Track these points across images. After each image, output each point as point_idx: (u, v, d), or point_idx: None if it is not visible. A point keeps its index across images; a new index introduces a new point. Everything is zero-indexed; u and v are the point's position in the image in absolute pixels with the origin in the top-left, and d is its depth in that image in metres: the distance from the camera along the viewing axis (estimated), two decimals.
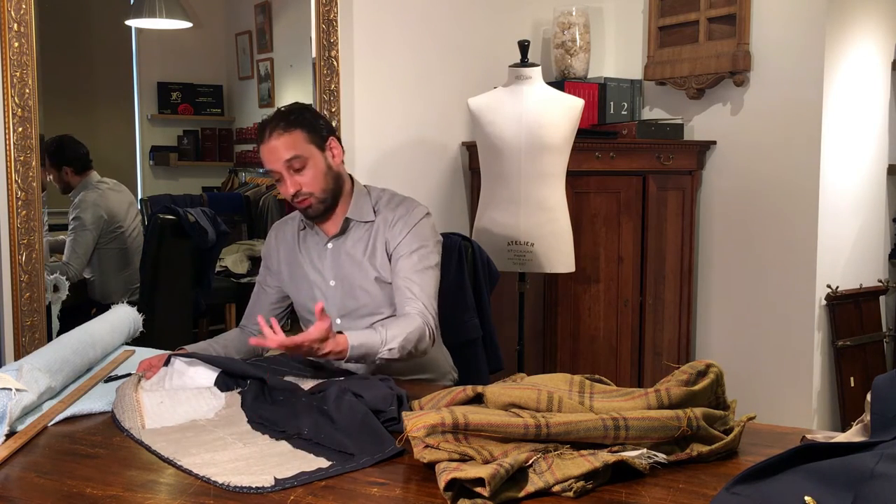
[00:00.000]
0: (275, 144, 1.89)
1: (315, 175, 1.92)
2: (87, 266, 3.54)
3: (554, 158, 2.85)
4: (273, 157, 1.90)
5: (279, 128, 1.90)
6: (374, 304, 1.99)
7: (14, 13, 2.32)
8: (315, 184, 1.92)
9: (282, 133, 1.89)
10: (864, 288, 3.42)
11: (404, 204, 2.02)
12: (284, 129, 1.90)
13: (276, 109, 1.97)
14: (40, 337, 2.44)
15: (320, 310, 1.66)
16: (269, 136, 1.90)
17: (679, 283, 3.48)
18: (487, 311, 2.50)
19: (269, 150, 1.90)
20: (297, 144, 1.89)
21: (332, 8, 2.96)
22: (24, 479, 1.30)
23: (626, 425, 1.25)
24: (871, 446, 1.07)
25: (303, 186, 1.91)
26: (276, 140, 1.89)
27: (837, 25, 3.20)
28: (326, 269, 2.01)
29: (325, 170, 1.94)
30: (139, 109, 6.29)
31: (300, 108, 1.96)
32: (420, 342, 1.84)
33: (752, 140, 3.40)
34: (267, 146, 1.90)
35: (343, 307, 2.01)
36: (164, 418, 1.54)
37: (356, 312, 2.00)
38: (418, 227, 1.97)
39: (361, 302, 1.99)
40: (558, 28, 3.51)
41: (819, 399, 3.31)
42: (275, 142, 1.89)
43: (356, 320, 2.00)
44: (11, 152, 2.34)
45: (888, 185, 3.54)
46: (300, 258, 2.05)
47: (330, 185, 1.95)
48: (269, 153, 1.90)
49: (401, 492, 1.22)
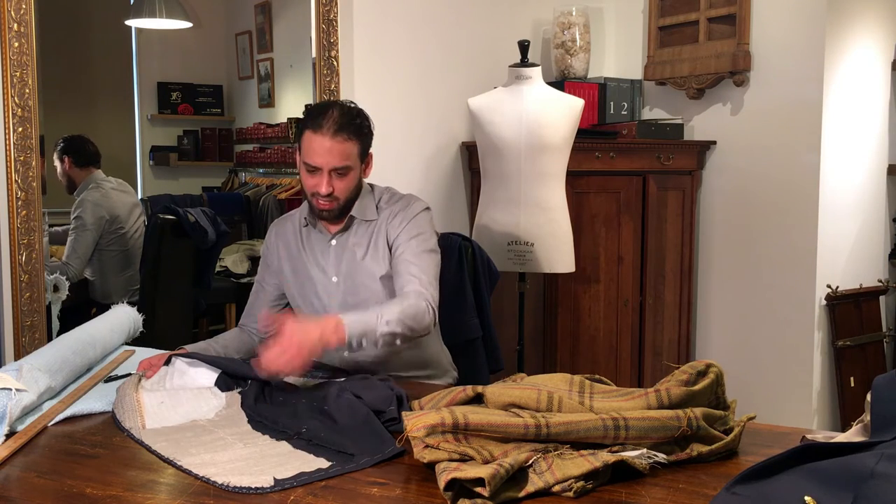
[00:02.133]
0: (334, 146, 1.87)
1: (349, 184, 1.93)
2: (87, 266, 3.54)
3: (554, 158, 2.85)
4: (326, 156, 1.87)
5: (343, 133, 1.87)
6: (376, 301, 1.99)
7: (14, 13, 2.32)
8: (346, 192, 1.94)
9: (345, 139, 1.87)
10: (864, 288, 3.42)
11: (404, 199, 2.05)
12: (349, 136, 1.88)
13: (339, 102, 1.94)
14: (40, 337, 2.44)
15: (265, 317, 1.63)
16: (331, 134, 1.86)
17: (679, 283, 3.48)
18: (487, 311, 2.50)
19: (326, 147, 1.87)
20: (351, 155, 1.90)
21: (332, 8, 2.96)
22: (24, 479, 1.30)
23: (626, 425, 1.25)
24: (871, 446, 1.07)
25: (335, 191, 1.91)
26: (337, 142, 1.87)
27: (837, 25, 3.20)
28: (329, 265, 2.02)
29: (357, 181, 1.96)
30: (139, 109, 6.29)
31: (364, 115, 1.95)
32: (419, 317, 1.82)
33: (752, 140, 3.40)
34: (324, 142, 1.87)
35: (345, 303, 2.01)
36: (164, 418, 1.54)
37: (358, 308, 2.00)
38: (417, 218, 1.99)
39: (363, 298, 1.99)
40: (558, 28, 3.51)
41: (819, 399, 3.31)
42: (335, 144, 1.87)
43: None
44: (11, 152, 2.34)
45: (888, 185, 3.54)
46: (303, 255, 2.06)
47: (355, 194, 1.98)
48: (324, 151, 1.87)
49: (401, 492, 1.22)
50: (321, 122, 1.87)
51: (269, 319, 1.64)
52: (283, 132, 5.81)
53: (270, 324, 1.65)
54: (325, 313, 2.02)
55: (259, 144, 6.12)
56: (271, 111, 6.21)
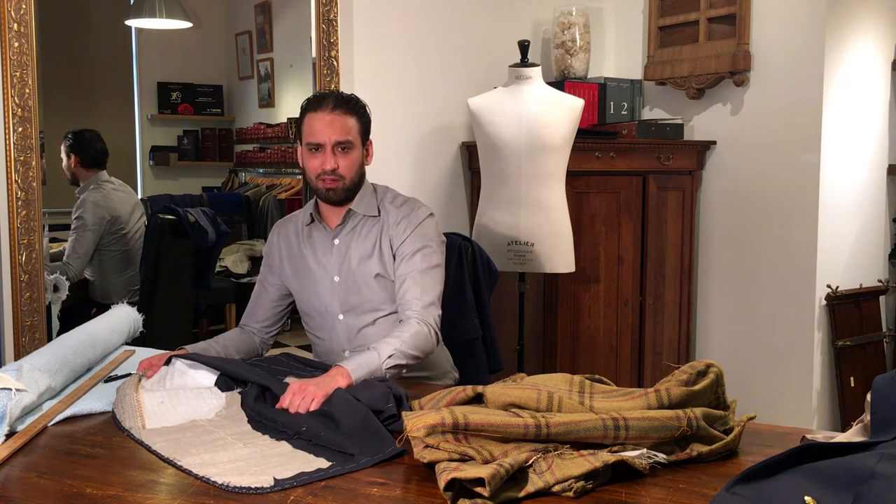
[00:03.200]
0: (334, 119, 1.92)
1: (352, 163, 1.96)
2: (87, 266, 3.54)
3: (554, 158, 2.85)
4: (327, 129, 1.92)
5: (343, 107, 1.93)
6: (377, 301, 2.00)
7: (14, 13, 2.32)
8: (350, 171, 1.95)
9: (343, 113, 1.93)
10: (864, 288, 3.42)
11: (408, 203, 2.04)
12: (347, 111, 1.94)
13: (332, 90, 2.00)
14: (40, 337, 2.44)
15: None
16: (329, 108, 1.92)
17: (679, 283, 3.48)
18: (487, 311, 2.50)
19: (326, 121, 1.92)
20: (352, 130, 1.94)
21: (332, 8, 2.96)
22: (24, 479, 1.30)
23: (626, 425, 1.25)
24: (871, 446, 1.07)
25: (339, 168, 1.93)
26: (337, 116, 1.92)
27: (837, 25, 3.20)
28: (331, 264, 2.02)
29: (359, 163, 1.99)
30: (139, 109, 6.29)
31: (360, 99, 2.01)
32: (421, 344, 1.85)
33: (752, 140, 3.40)
34: (324, 117, 1.92)
35: (346, 303, 2.01)
36: (164, 418, 1.54)
37: (359, 308, 2.01)
38: (422, 226, 1.99)
39: (364, 298, 2.00)
40: (558, 28, 3.51)
41: (819, 399, 3.31)
42: (335, 117, 1.92)
43: (358, 316, 2.01)
44: (11, 152, 2.34)
45: (888, 185, 3.54)
46: (304, 253, 2.06)
47: (357, 178, 1.99)
48: (325, 124, 1.91)
49: (401, 492, 1.22)
50: (320, 103, 1.94)
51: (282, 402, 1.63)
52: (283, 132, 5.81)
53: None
54: (326, 312, 2.03)
55: (259, 144, 6.12)
56: (271, 111, 6.22)
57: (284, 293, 2.13)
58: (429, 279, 1.95)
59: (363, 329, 2.01)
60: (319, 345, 2.10)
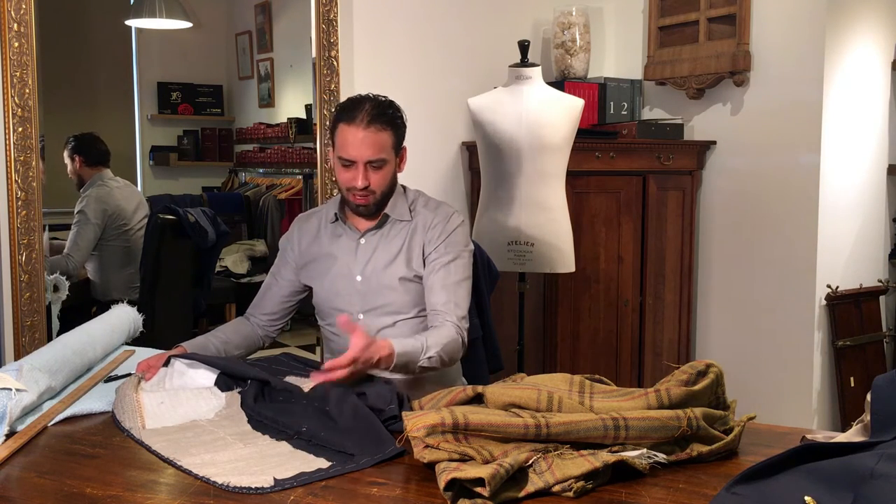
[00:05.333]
0: (367, 136, 1.85)
1: (385, 177, 1.91)
2: (87, 260, 3.54)
3: (554, 158, 2.85)
4: (361, 148, 1.86)
5: (379, 122, 1.87)
6: (398, 304, 1.98)
7: (14, 13, 2.32)
8: (382, 185, 1.92)
9: (379, 129, 1.86)
10: (864, 288, 3.42)
11: (441, 209, 2.01)
12: (383, 126, 1.87)
13: (370, 95, 1.92)
14: (40, 337, 2.44)
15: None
16: (365, 125, 1.85)
17: (679, 283, 3.48)
18: (487, 311, 2.50)
19: (361, 139, 1.86)
20: (386, 147, 1.89)
21: (332, 8, 2.96)
22: (24, 479, 1.30)
23: (626, 425, 1.25)
24: (871, 446, 1.07)
25: (371, 184, 1.89)
26: (372, 133, 1.86)
27: (837, 25, 3.20)
28: (355, 264, 1.99)
29: (392, 174, 1.95)
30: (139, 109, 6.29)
31: (397, 107, 1.94)
32: (454, 353, 1.86)
33: (752, 140, 3.40)
34: (358, 134, 1.86)
35: (366, 303, 1.99)
36: (164, 418, 1.54)
37: (379, 310, 1.98)
38: (454, 234, 1.97)
39: (386, 300, 1.98)
40: (558, 28, 3.51)
41: (819, 399, 3.31)
42: (369, 134, 1.86)
43: (378, 318, 1.98)
44: (11, 152, 2.34)
45: (888, 185, 3.54)
46: (327, 250, 2.03)
47: (390, 188, 1.96)
48: (359, 142, 1.86)
49: (401, 492, 1.22)
50: (354, 115, 1.87)
51: (347, 326, 1.64)
52: (283, 132, 5.81)
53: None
54: (345, 312, 1.98)
55: (259, 144, 6.12)
56: (271, 111, 6.21)
57: (296, 289, 2.09)
58: (462, 291, 1.94)
59: (382, 330, 1.98)
60: (335, 341, 2.06)
